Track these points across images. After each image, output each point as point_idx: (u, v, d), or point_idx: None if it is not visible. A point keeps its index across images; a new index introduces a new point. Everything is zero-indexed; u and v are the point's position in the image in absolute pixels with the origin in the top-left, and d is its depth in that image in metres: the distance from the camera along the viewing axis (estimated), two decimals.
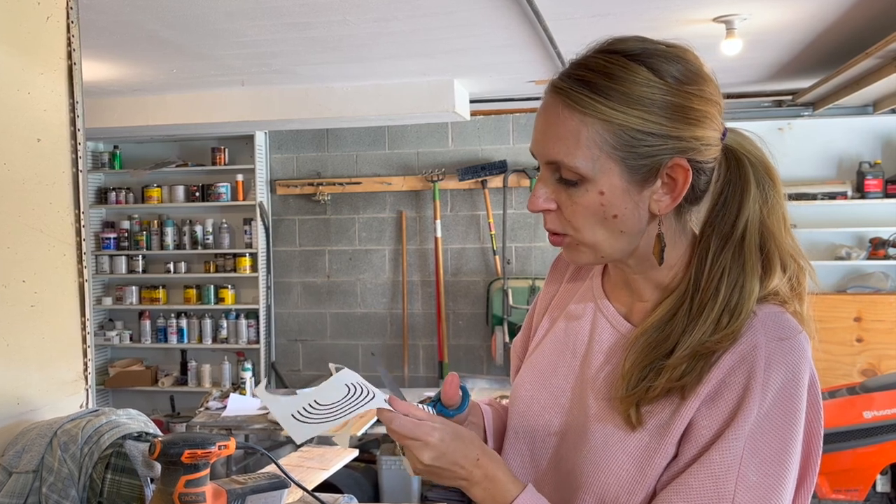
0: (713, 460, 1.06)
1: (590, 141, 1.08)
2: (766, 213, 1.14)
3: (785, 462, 1.06)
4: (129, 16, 4.08)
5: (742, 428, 1.05)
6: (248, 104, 6.20)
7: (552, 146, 1.12)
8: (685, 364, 1.09)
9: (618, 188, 1.10)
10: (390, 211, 7.14)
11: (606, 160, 1.09)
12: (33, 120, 2.19)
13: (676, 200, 1.12)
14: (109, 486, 1.81)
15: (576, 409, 1.23)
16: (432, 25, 4.38)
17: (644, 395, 1.12)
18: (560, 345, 1.31)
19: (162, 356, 7.55)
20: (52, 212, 2.25)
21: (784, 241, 1.15)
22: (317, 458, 3.29)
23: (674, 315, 1.14)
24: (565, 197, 1.13)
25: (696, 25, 4.36)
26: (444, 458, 1.11)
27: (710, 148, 1.11)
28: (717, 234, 1.14)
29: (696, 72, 1.12)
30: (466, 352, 7.06)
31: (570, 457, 1.21)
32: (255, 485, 1.68)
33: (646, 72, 1.08)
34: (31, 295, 2.16)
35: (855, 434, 4.29)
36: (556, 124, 1.11)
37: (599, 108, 1.07)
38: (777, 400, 1.06)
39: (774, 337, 1.08)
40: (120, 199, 7.35)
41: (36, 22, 2.22)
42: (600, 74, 1.09)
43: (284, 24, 4.29)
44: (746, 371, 1.07)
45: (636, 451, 1.12)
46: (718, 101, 1.13)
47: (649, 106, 1.07)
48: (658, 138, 1.08)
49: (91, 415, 1.97)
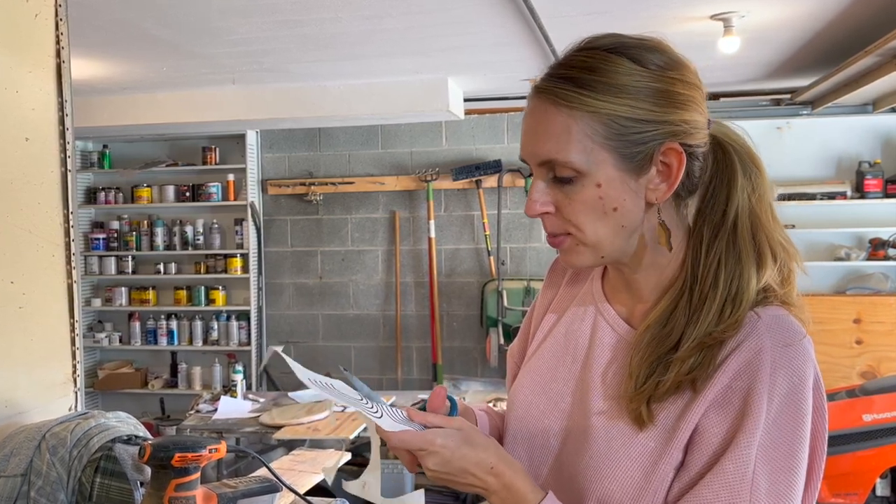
0: (726, 470, 1.05)
1: (581, 134, 1.09)
2: (754, 200, 1.15)
3: (794, 468, 1.05)
4: (119, 13, 4.06)
5: (753, 434, 1.04)
6: (239, 103, 6.18)
7: (543, 145, 1.12)
8: (693, 356, 1.09)
9: (614, 179, 1.10)
10: (383, 211, 7.11)
11: (600, 151, 1.09)
12: (21, 119, 2.18)
13: (673, 187, 1.12)
14: (99, 490, 1.80)
15: (576, 413, 1.22)
16: (426, 23, 4.37)
17: (654, 391, 1.11)
18: (560, 349, 1.30)
19: (152, 358, 7.52)
20: (41, 212, 2.24)
21: (772, 229, 1.15)
22: (309, 461, 3.30)
23: (675, 308, 1.14)
24: (562, 196, 1.13)
25: (693, 23, 4.36)
26: (451, 465, 1.08)
27: (699, 132, 1.12)
28: (708, 223, 1.15)
29: (675, 59, 1.13)
30: (460, 354, 7.04)
31: (571, 462, 1.19)
32: (247, 489, 1.68)
33: (627, 62, 1.09)
34: (20, 296, 2.15)
35: (854, 437, 4.26)
36: (545, 123, 1.12)
37: (586, 101, 1.08)
38: (783, 406, 1.06)
39: (780, 342, 1.08)
40: (109, 199, 7.32)
41: (24, 19, 2.20)
42: (582, 70, 1.10)
43: (276, 21, 4.27)
44: (752, 376, 1.06)
45: (640, 455, 1.11)
46: (700, 86, 1.14)
47: (635, 93, 1.08)
48: (648, 124, 1.09)
49: (80, 418, 1.96)
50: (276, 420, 4.70)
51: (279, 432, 4.56)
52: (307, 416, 4.71)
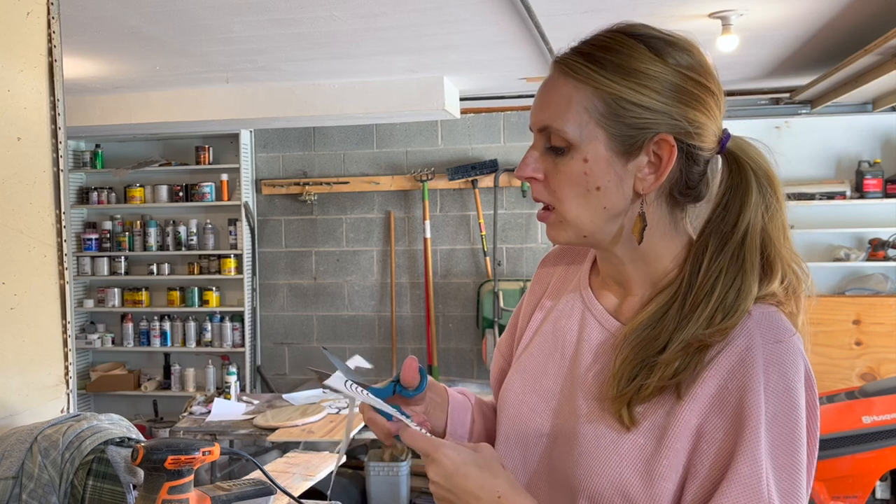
0: (741, 472, 1.04)
1: (579, 106, 1.12)
2: (766, 219, 1.15)
3: (797, 464, 1.06)
4: (112, 11, 4.04)
5: (758, 432, 1.04)
6: (232, 102, 6.15)
7: (544, 112, 1.16)
8: (678, 360, 1.09)
9: (602, 157, 1.13)
10: (378, 211, 7.09)
11: (594, 127, 1.12)
12: (13, 118, 2.17)
13: (660, 179, 1.13)
14: (91, 493, 1.79)
15: (565, 411, 1.22)
16: (421, 21, 4.35)
17: (636, 393, 1.11)
18: (548, 346, 1.30)
19: (145, 360, 7.50)
20: (33, 212, 2.23)
21: (783, 250, 1.16)
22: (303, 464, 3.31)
23: (665, 313, 1.14)
24: (552, 166, 1.16)
25: (691, 21, 4.34)
26: (451, 480, 1.07)
27: (703, 135, 1.13)
28: (715, 235, 1.15)
29: (702, 63, 1.15)
30: (456, 355, 7.01)
31: (562, 460, 1.20)
32: (240, 491, 1.68)
33: (646, 50, 1.12)
34: (11, 297, 2.14)
35: (854, 439, 4.25)
36: (552, 90, 1.16)
37: (592, 76, 1.12)
38: (779, 403, 1.06)
39: (770, 339, 1.09)
40: (102, 199, 7.29)
41: (15, 17, 2.20)
42: (600, 48, 1.14)
43: (270, 19, 4.25)
44: (745, 374, 1.07)
45: (630, 452, 1.11)
46: (718, 95, 1.15)
47: (643, 80, 1.11)
48: (648, 111, 1.11)
49: (72, 420, 1.95)
50: (271, 422, 4.68)
51: (273, 434, 4.55)
52: (301, 419, 4.69)
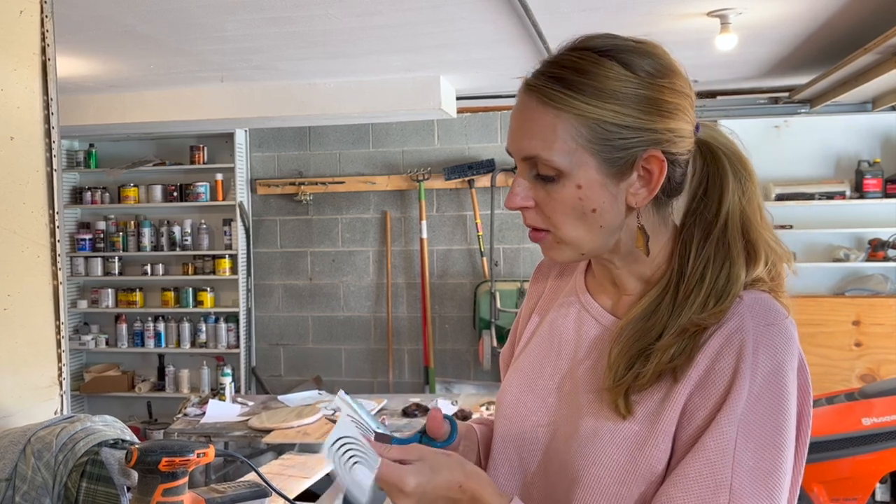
0: (707, 446, 1.06)
1: (565, 135, 1.12)
2: (744, 203, 1.17)
3: (780, 445, 1.07)
4: (105, 10, 4.03)
5: (733, 412, 1.06)
6: (227, 101, 6.14)
7: (528, 142, 1.15)
8: (675, 345, 1.11)
9: (595, 182, 1.13)
10: (374, 211, 7.07)
11: (583, 154, 1.12)
12: (6, 118, 2.18)
13: (653, 193, 1.15)
14: (85, 495, 1.80)
15: (564, 407, 1.23)
16: (418, 20, 4.34)
17: (633, 383, 1.13)
18: (545, 346, 1.32)
19: (139, 361, 7.47)
20: (26, 212, 2.24)
21: (762, 230, 1.18)
22: (298, 466, 3.32)
23: (659, 305, 1.16)
24: (543, 193, 1.16)
25: (689, 20, 4.33)
26: (425, 499, 1.08)
27: (684, 140, 1.15)
28: (699, 224, 1.17)
29: (667, 65, 1.15)
30: (453, 356, 7.00)
31: (560, 454, 1.21)
32: (235, 493, 1.69)
33: (617, 66, 1.11)
34: (4, 298, 2.15)
35: (853, 441, 4.23)
36: (532, 120, 1.14)
37: (573, 104, 1.11)
38: (766, 384, 1.07)
39: (762, 322, 1.10)
40: (95, 199, 7.27)
41: (8, 16, 2.20)
42: (572, 70, 1.12)
43: (265, 18, 4.24)
44: (734, 354, 1.08)
45: (626, 440, 1.13)
46: (690, 94, 1.17)
47: (622, 99, 1.11)
48: (632, 131, 1.11)
49: (66, 421, 1.96)
50: (266, 424, 4.67)
51: (268, 436, 4.54)
52: (297, 420, 4.67)
